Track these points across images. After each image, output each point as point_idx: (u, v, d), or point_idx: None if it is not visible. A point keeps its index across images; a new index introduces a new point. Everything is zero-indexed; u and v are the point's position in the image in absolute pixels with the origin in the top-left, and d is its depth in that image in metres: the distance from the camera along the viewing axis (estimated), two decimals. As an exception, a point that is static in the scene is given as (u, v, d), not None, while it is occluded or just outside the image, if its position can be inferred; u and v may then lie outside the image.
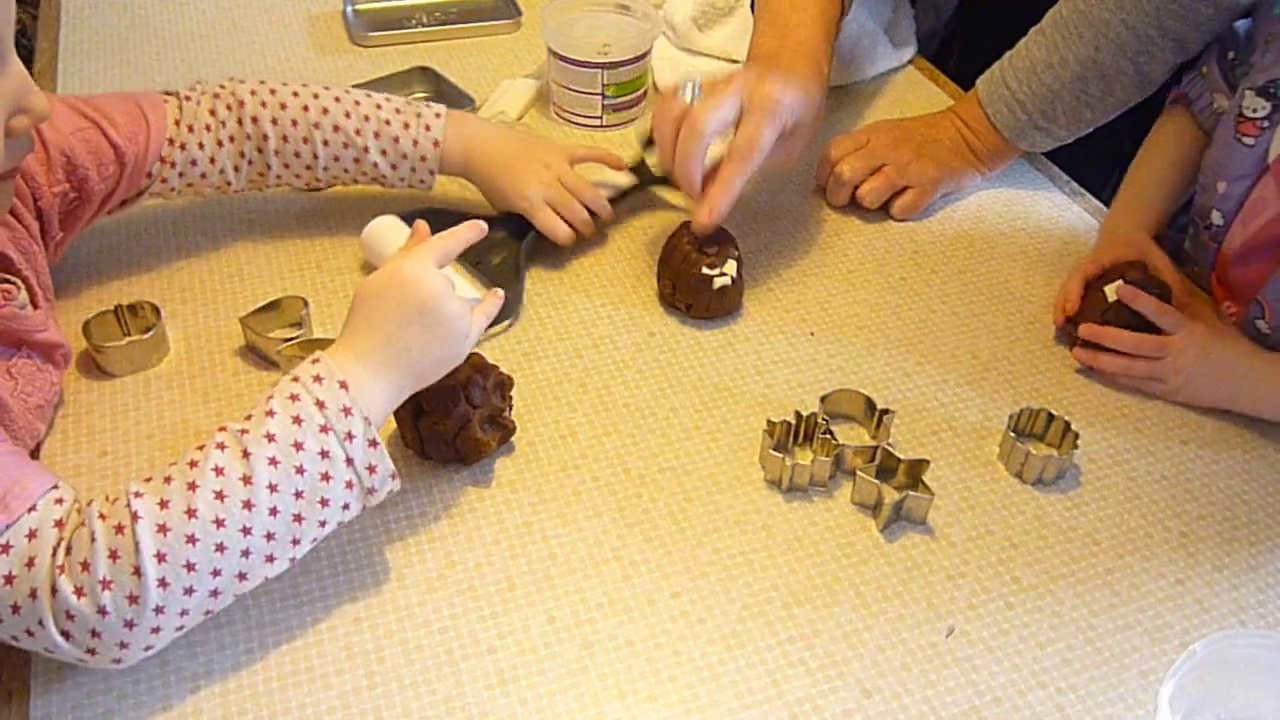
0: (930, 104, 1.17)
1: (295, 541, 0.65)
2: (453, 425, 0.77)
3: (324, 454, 0.65)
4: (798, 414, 0.81)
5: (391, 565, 0.73)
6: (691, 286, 0.90)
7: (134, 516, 0.61)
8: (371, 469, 0.67)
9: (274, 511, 0.64)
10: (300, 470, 0.64)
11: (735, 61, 1.22)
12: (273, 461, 0.64)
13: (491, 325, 0.84)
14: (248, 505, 0.63)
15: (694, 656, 0.69)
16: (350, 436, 0.66)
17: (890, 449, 0.79)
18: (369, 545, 0.74)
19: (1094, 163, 1.29)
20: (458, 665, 0.68)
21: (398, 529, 0.75)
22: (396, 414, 0.79)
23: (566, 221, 0.95)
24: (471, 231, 0.76)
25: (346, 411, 0.66)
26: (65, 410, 0.82)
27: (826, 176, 1.05)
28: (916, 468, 0.78)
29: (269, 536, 0.64)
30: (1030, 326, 0.94)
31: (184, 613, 0.62)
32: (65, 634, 0.60)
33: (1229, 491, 0.81)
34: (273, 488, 0.63)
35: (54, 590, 0.59)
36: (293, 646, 0.69)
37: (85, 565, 0.60)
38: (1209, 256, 0.93)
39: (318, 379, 0.67)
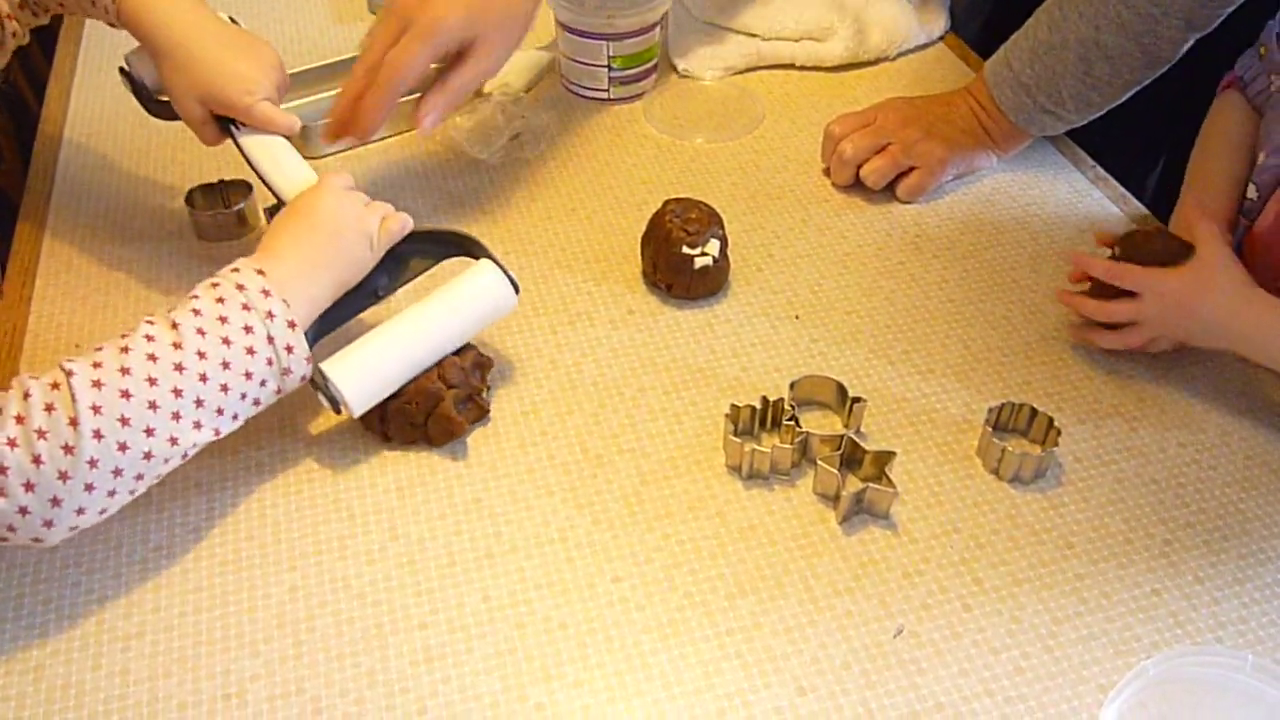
0: (959, 83, 1.11)
1: (220, 411, 0.69)
2: (424, 405, 0.76)
3: (247, 329, 0.69)
4: (764, 399, 0.78)
5: (335, 535, 0.73)
6: (672, 265, 0.88)
7: (68, 374, 0.64)
8: (289, 349, 0.71)
9: (204, 378, 0.67)
10: (226, 341, 0.68)
11: (754, 35, 1.19)
12: (200, 332, 0.68)
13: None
14: (179, 368, 0.66)
15: (626, 644, 0.67)
16: (270, 315, 0.70)
17: (857, 439, 0.76)
18: (315, 514, 0.74)
19: (1136, 151, 1.23)
20: (386, 640, 0.67)
21: (346, 499, 0.75)
22: None
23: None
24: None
25: (265, 293, 0.71)
26: (39, 370, 0.83)
27: (830, 155, 1.01)
28: (883, 459, 0.75)
29: (199, 402, 0.67)
30: (1030, 317, 0.89)
31: (117, 472, 0.64)
32: None
33: (1223, 499, 0.76)
34: (201, 354, 0.67)
35: None
36: (226, 612, 0.68)
37: (19, 419, 0.62)
38: (1238, 236, 0.87)
39: (235, 270, 0.72)
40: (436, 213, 0.99)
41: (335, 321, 0.78)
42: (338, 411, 0.75)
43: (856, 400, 0.78)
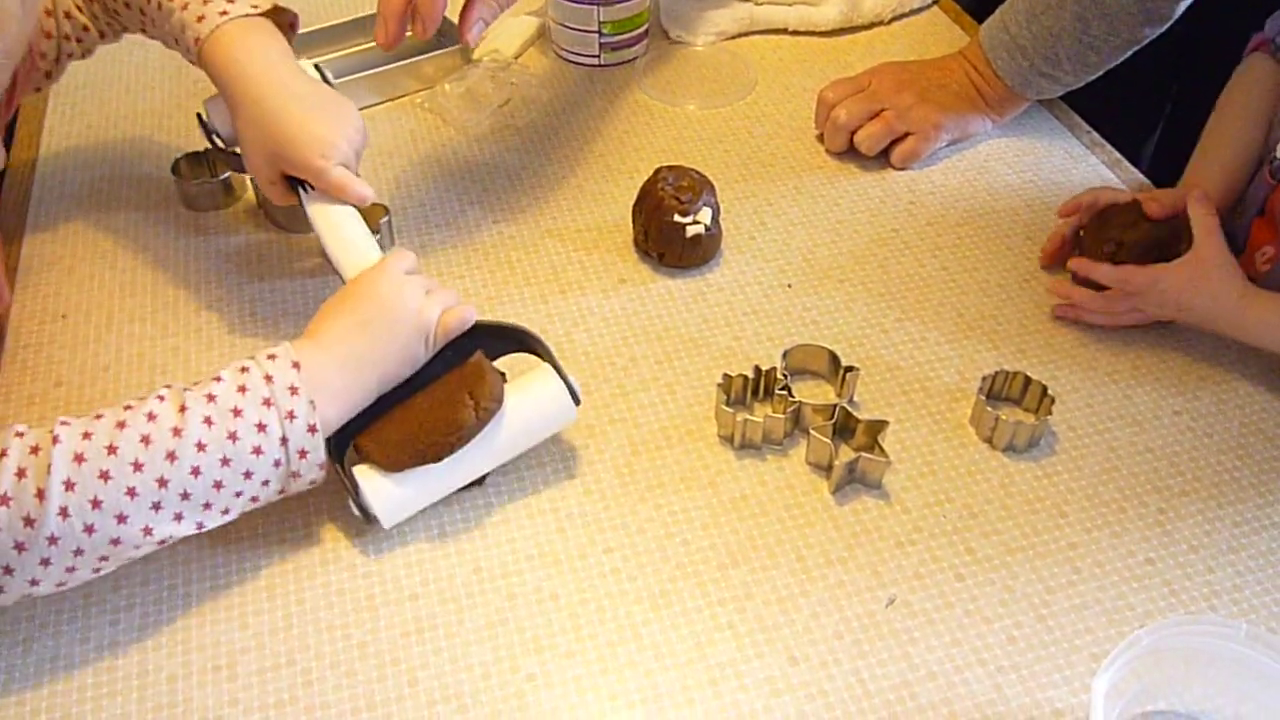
0: (953, 47, 1.10)
1: (208, 506, 0.63)
2: (448, 444, 0.69)
3: (260, 427, 0.64)
4: (756, 368, 0.78)
5: (324, 509, 0.72)
6: (664, 234, 0.87)
7: (54, 440, 0.60)
8: (303, 453, 0.65)
9: (196, 471, 0.62)
10: (233, 437, 0.63)
11: (747, 0, 1.17)
12: (208, 421, 0.63)
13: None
14: (171, 457, 0.61)
15: (618, 614, 0.67)
16: (292, 416, 0.64)
17: (850, 408, 0.75)
18: (304, 486, 0.73)
19: (1134, 117, 1.21)
20: (377, 611, 0.67)
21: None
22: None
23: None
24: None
25: (293, 390, 0.65)
26: (24, 340, 0.82)
27: (824, 121, 1.00)
28: (875, 428, 0.74)
29: (184, 495, 0.62)
30: (1025, 284, 0.88)
31: (78, 552, 0.60)
32: None
33: (1218, 467, 0.76)
34: (201, 446, 0.62)
35: None
36: (215, 585, 0.68)
37: None
38: (1261, 196, 0.86)
39: (272, 356, 0.66)
40: (425, 181, 0.97)
41: (371, 417, 0.70)
42: (368, 520, 0.69)
43: (849, 369, 0.78)
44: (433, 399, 0.71)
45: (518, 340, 0.75)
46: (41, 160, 0.99)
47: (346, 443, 0.70)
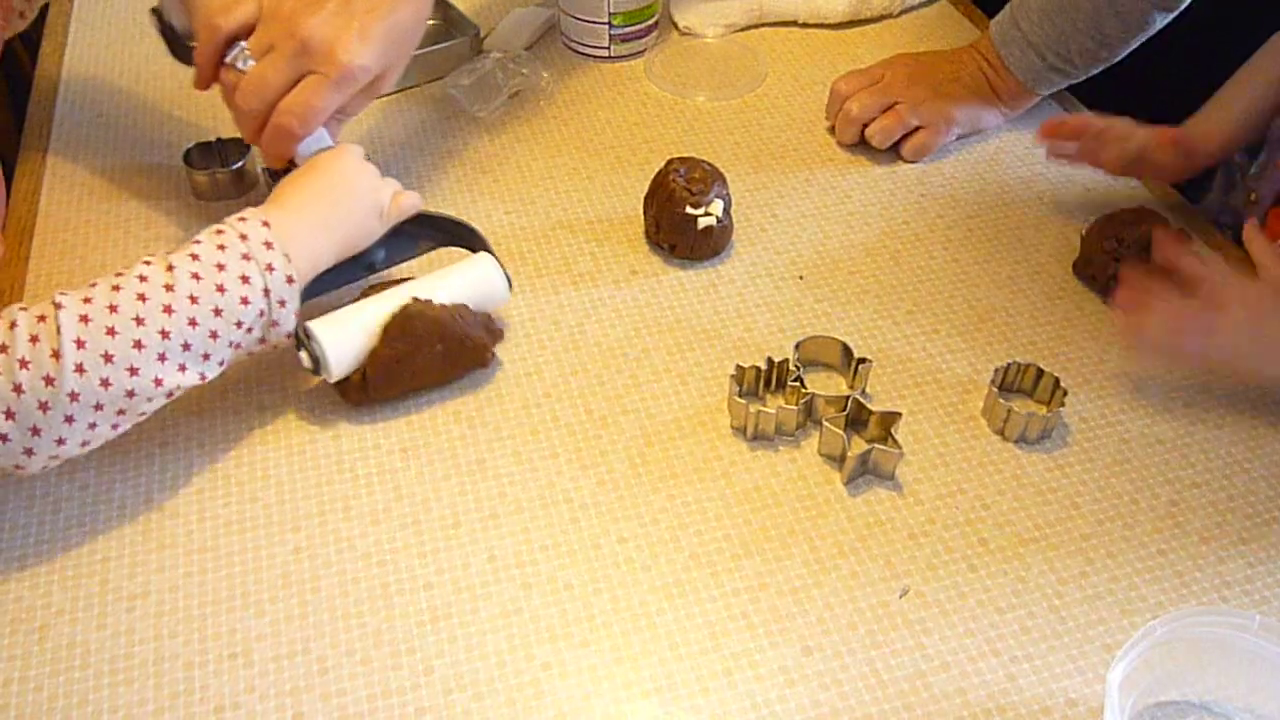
0: (962, 40, 1.10)
1: (206, 356, 0.69)
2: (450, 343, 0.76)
3: (244, 279, 0.69)
4: (769, 360, 0.78)
5: (339, 496, 0.72)
6: (675, 225, 0.87)
7: (57, 306, 0.64)
8: (282, 303, 0.71)
9: (193, 322, 0.67)
10: (221, 289, 0.68)
11: (757, -8, 1.17)
12: (195, 276, 0.68)
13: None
14: (168, 310, 0.66)
15: (632, 604, 0.67)
16: (270, 268, 0.70)
17: (862, 399, 0.76)
18: (318, 475, 0.73)
19: (1126, 101, 1.21)
20: (392, 600, 0.67)
21: (349, 460, 0.74)
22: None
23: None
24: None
25: (268, 245, 0.71)
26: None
27: (836, 113, 1.00)
28: (888, 420, 0.74)
29: (185, 346, 0.67)
30: (1036, 276, 0.89)
31: (98, 407, 0.64)
32: None
33: (1229, 459, 0.76)
34: (194, 299, 0.67)
35: None
36: (230, 572, 0.68)
37: (3, 348, 0.63)
38: (1277, 181, 0.85)
39: (242, 219, 0.72)
40: (435, 171, 0.98)
41: (326, 286, 0.78)
42: (316, 372, 0.75)
43: (861, 361, 0.78)
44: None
45: (457, 234, 0.83)
46: (53, 149, 0.99)
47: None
